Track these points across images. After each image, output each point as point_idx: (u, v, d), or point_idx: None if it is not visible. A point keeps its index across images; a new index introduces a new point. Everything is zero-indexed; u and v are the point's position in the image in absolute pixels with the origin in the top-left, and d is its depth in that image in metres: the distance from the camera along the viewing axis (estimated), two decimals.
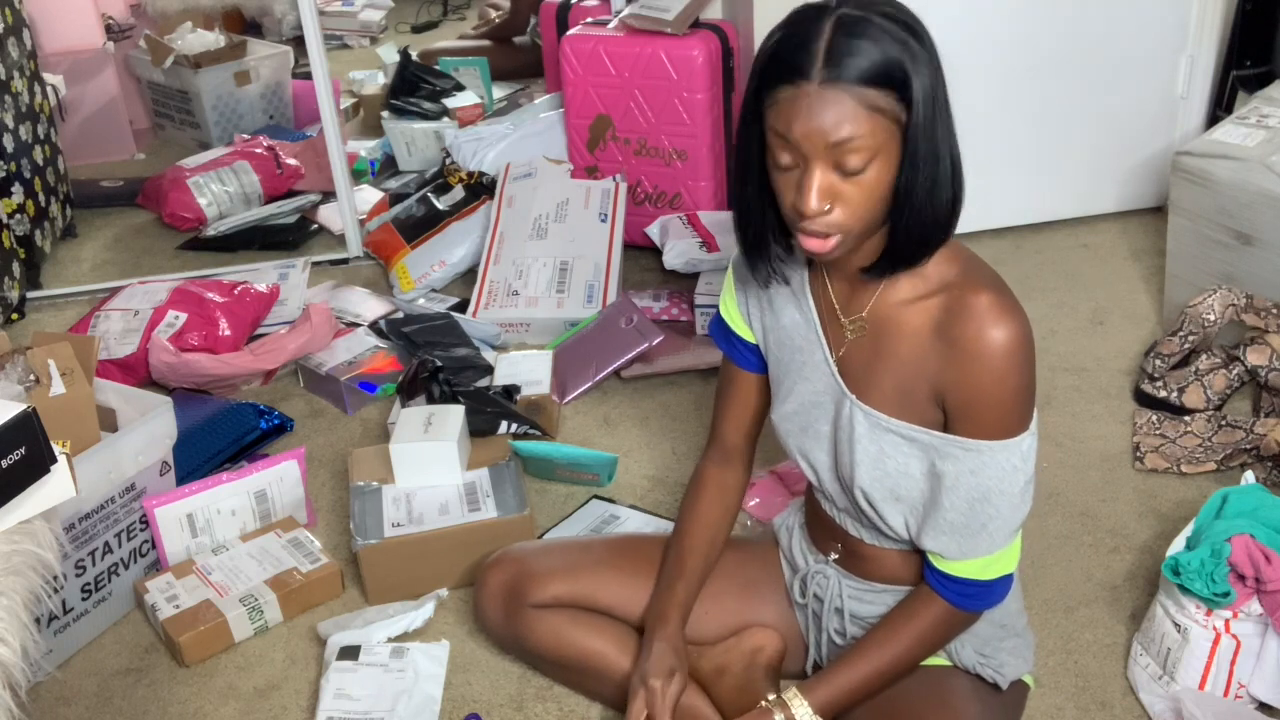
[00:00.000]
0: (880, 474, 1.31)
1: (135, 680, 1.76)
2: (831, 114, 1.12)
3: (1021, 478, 1.26)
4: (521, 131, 3.09)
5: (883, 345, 1.29)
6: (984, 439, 1.24)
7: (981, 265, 1.27)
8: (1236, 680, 1.52)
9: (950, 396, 1.25)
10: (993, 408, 1.22)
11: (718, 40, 2.76)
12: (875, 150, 1.13)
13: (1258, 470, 1.95)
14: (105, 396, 1.93)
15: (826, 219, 1.17)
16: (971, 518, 1.27)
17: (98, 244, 3.31)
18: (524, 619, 1.54)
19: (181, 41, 3.91)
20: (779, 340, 1.41)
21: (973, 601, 1.33)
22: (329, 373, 2.42)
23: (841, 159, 1.14)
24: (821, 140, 1.13)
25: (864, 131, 1.12)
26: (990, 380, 1.21)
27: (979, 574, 1.31)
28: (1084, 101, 2.82)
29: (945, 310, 1.24)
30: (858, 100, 1.11)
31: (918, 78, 1.13)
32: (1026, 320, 1.23)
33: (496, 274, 2.68)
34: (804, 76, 1.12)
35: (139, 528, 1.87)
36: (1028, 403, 1.24)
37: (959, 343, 1.22)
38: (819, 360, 1.36)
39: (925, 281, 1.26)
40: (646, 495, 2.08)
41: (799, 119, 1.13)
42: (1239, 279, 2.27)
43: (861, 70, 1.11)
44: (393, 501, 1.89)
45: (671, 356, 2.42)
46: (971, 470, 1.25)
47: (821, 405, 1.36)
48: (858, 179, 1.15)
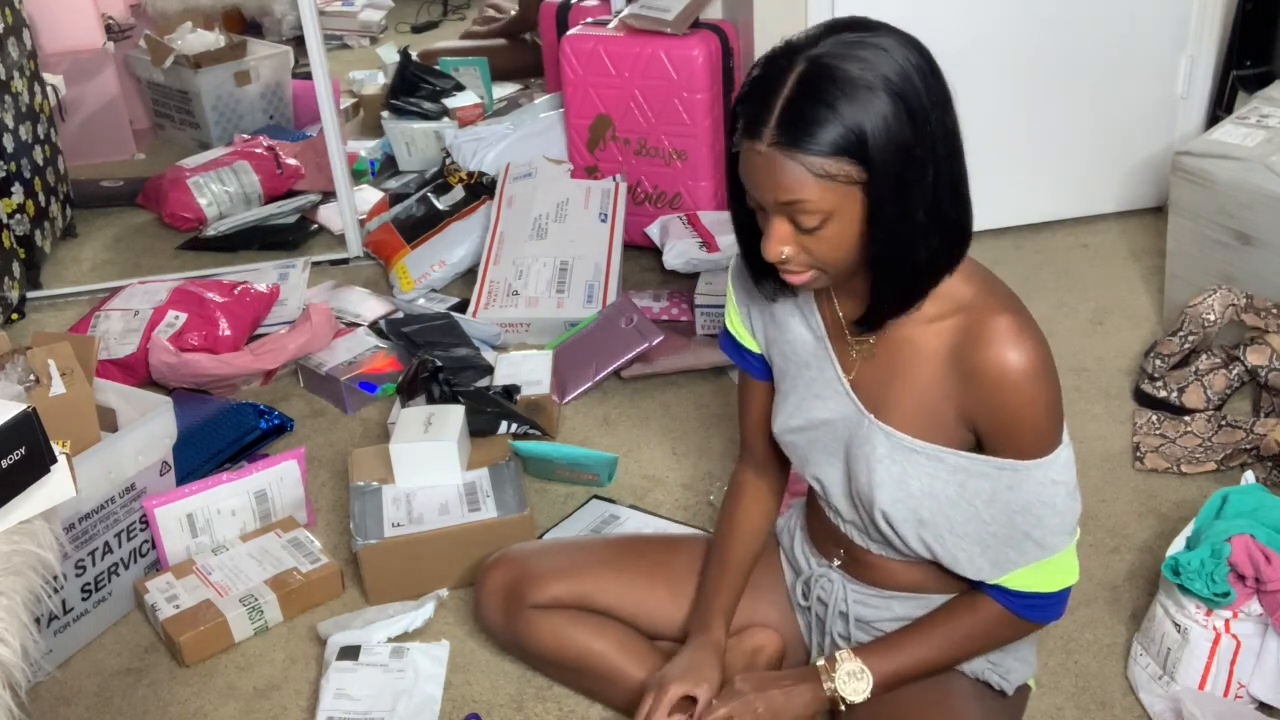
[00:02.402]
0: (904, 495, 1.28)
1: (135, 680, 1.76)
2: (780, 178, 1.11)
3: (1063, 489, 1.24)
4: (521, 131, 3.09)
5: (898, 365, 1.27)
6: (1021, 459, 1.22)
7: (999, 285, 1.25)
8: (1236, 680, 1.52)
9: (982, 422, 1.23)
10: (1027, 430, 1.21)
11: (718, 40, 2.76)
12: (829, 212, 1.12)
13: (1258, 470, 1.95)
14: (105, 396, 1.93)
15: (796, 260, 1.17)
16: (1013, 529, 1.25)
17: (98, 244, 3.31)
18: (524, 620, 1.54)
19: (181, 41, 3.91)
20: (784, 353, 1.39)
21: (1038, 613, 1.32)
22: (329, 373, 2.42)
23: (795, 218, 1.14)
24: (770, 198, 1.13)
25: (813, 197, 1.11)
26: (1019, 404, 1.19)
27: (1042, 586, 1.29)
28: (1084, 101, 2.82)
29: (962, 334, 1.22)
30: (806, 168, 1.10)
31: (881, 141, 1.08)
32: (1044, 338, 1.21)
33: (496, 274, 2.68)
34: (757, 136, 1.11)
35: (139, 528, 1.87)
36: (1058, 418, 1.23)
37: (981, 369, 1.20)
38: (830, 378, 1.33)
39: (940, 303, 1.24)
40: (646, 495, 2.08)
41: (752, 175, 1.14)
42: (1239, 279, 2.27)
43: (812, 139, 1.08)
44: (393, 501, 1.89)
45: (671, 356, 2.42)
46: (1009, 486, 1.23)
47: (833, 425, 1.34)
48: (816, 234, 1.14)
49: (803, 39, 1.13)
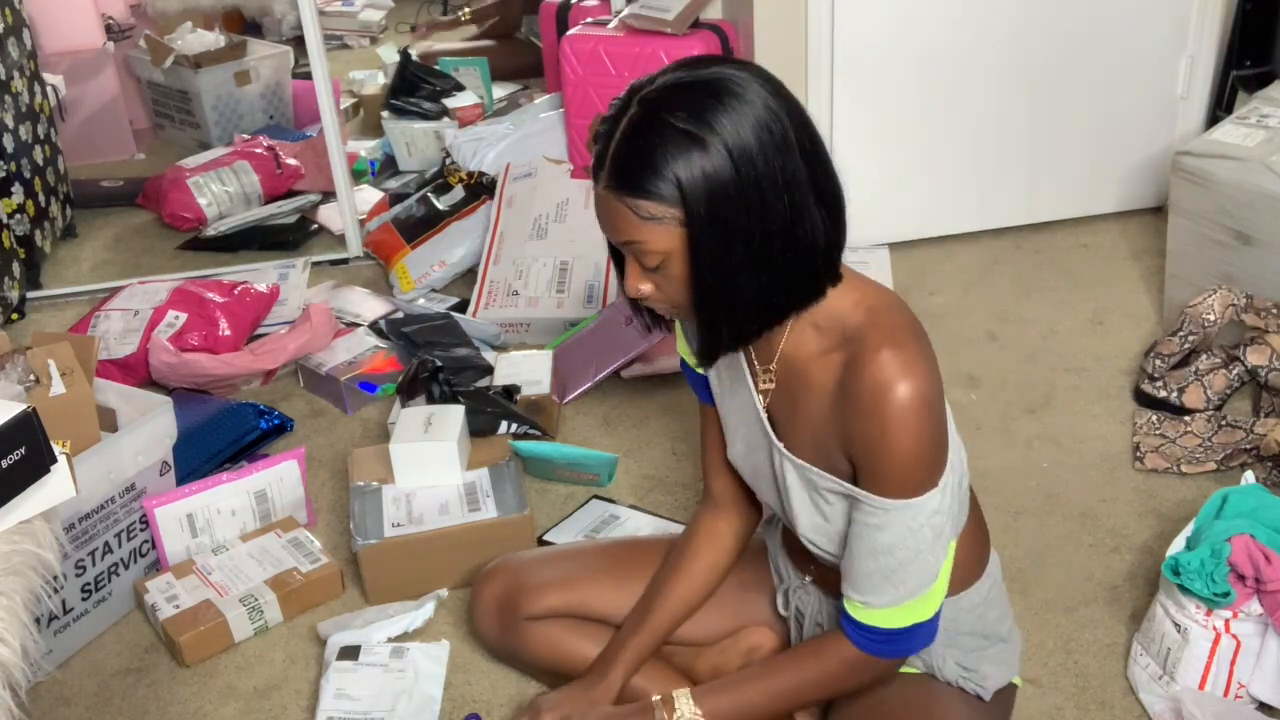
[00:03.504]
0: (819, 521, 1.29)
1: (135, 680, 1.76)
2: (615, 220, 1.16)
3: (927, 535, 1.20)
4: (521, 131, 3.09)
5: (798, 396, 1.27)
6: (886, 496, 1.19)
7: (890, 315, 1.21)
8: (1236, 680, 1.52)
9: (852, 450, 1.21)
10: (891, 466, 1.18)
11: (718, 40, 2.76)
12: (664, 252, 1.15)
13: (1258, 470, 1.95)
14: (105, 396, 1.93)
15: (653, 297, 1.21)
16: (875, 567, 1.22)
17: (98, 244, 3.31)
18: (520, 631, 1.55)
19: (181, 41, 3.92)
20: (719, 377, 1.40)
21: (881, 648, 1.27)
22: (329, 373, 2.42)
23: (637, 257, 1.17)
24: (614, 239, 1.18)
25: (644, 238, 1.14)
26: (886, 439, 1.16)
27: (886, 622, 1.25)
28: (1084, 101, 2.82)
29: (845, 366, 1.20)
30: (631, 210, 1.13)
31: (698, 188, 1.10)
32: (930, 376, 1.17)
33: (496, 274, 2.68)
34: (597, 179, 1.17)
35: (139, 528, 1.87)
36: (931, 462, 1.19)
37: (856, 398, 1.18)
38: (750, 405, 1.34)
39: (829, 334, 1.23)
40: (646, 495, 2.08)
41: (599, 216, 1.19)
42: (1239, 279, 2.27)
43: (635, 184, 1.12)
44: (393, 501, 1.89)
45: (671, 356, 2.42)
46: (877, 525, 1.21)
47: (757, 451, 1.36)
48: (662, 272, 1.17)
49: (644, 80, 1.16)
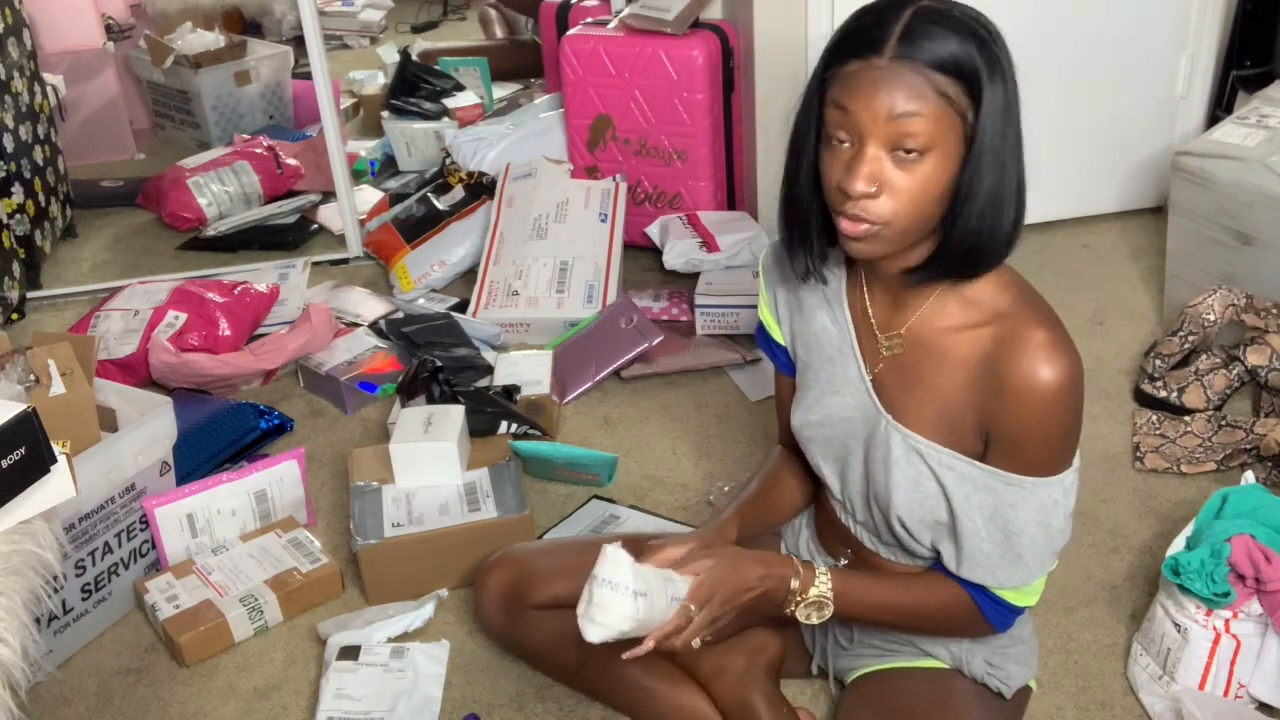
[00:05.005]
0: (918, 497, 1.27)
1: (135, 680, 1.76)
2: (897, 88, 1.09)
3: (1062, 512, 1.23)
4: (521, 131, 3.09)
5: (925, 369, 1.25)
6: (1027, 475, 1.21)
7: (1037, 298, 1.23)
8: (1236, 680, 1.52)
9: (995, 430, 1.21)
10: (1039, 446, 1.19)
11: (718, 40, 2.76)
12: (934, 138, 1.10)
13: (1258, 470, 1.95)
14: (105, 396, 1.93)
15: (870, 205, 1.13)
16: (1007, 548, 1.24)
17: (98, 244, 3.31)
18: (524, 620, 1.54)
19: (181, 41, 3.92)
20: (806, 345, 1.38)
21: (1003, 620, 1.31)
22: (329, 373, 2.42)
23: (900, 138, 1.10)
24: (883, 112, 1.10)
25: (927, 112, 1.09)
26: (1039, 419, 1.17)
27: (1015, 599, 1.29)
28: (1084, 101, 2.82)
29: (996, 343, 1.20)
30: (926, 80, 1.09)
31: (991, 80, 1.11)
32: (1079, 359, 1.19)
33: (496, 274, 2.68)
34: (875, 52, 1.10)
35: (139, 528, 1.87)
36: (1074, 441, 1.21)
37: (1009, 379, 1.18)
38: (853, 375, 1.32)
39: (976, 310, 1.22)
40: (646, 495, 2.08)
41: (863, 92, 1.11)
42: (1239, 279, 2.27)
43: (935, 54, 1.09)
44: (393, 501, 1.89)
45: (671, 356, 2.42)
46: (1011, 504, 1.22)
47: (852, 422, 1.33)
48: (911, 168, 1.11)
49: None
